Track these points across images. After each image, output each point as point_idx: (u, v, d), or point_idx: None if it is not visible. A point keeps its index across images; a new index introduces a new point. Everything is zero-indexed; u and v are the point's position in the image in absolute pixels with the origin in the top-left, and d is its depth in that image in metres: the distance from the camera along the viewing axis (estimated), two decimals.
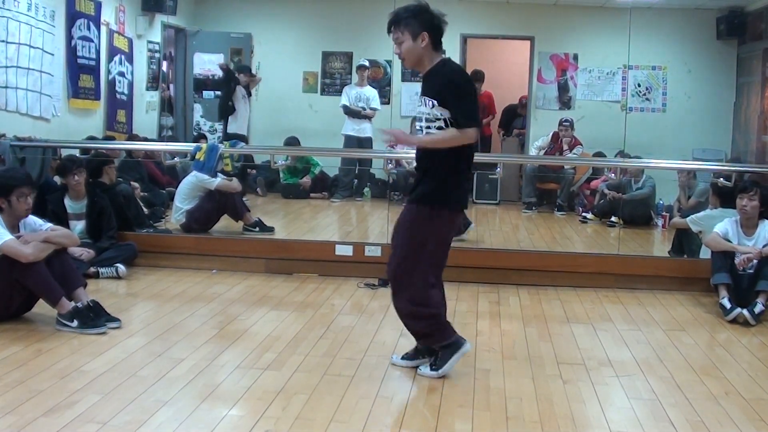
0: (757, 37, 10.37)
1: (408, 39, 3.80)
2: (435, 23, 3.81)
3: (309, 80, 11.72)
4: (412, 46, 3.81)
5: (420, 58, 3.84)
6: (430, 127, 3.82)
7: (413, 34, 3.78)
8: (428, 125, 3.84)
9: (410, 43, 3.80)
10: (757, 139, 10.12)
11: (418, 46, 3.80)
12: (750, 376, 4.33)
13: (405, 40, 3.81)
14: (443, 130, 3.80)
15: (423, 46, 3.79)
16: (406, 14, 3.80)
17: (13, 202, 4.76)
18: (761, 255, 5.61)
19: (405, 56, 3.85)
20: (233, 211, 7.47)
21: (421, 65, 3.88)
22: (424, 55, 3.84)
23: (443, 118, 3.79)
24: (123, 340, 4.54)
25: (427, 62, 3.86)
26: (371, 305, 5.62)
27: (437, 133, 3.80)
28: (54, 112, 8.22)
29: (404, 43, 3.82)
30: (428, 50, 3.82)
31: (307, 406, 3.61)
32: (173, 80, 11.97)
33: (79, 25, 8.60)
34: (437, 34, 3.83)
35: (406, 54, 3.84)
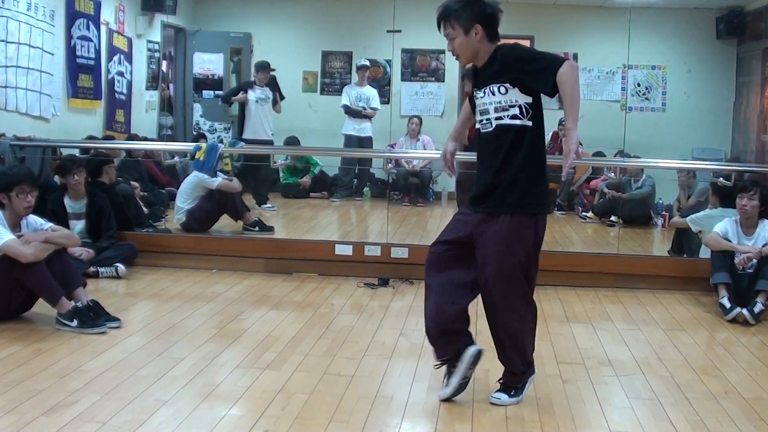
0: (756, 37, 10.37)
1: (460, 33, 3.44)
2: (488, 12, 3.45)
3: (309, 80, 11.72)
4: (466, 41, 3.45)
5: (476, 52, 3.49)
6: (502, 117, 3.44)
7: (465, 28, 3.43)
8: (499, 115, 3.45)
9: (463, 37, 3.45)
10: (757, 139, 10.12)
11: (472, 40, 3.44)
12: (750, 375, 4.33)
13: (457, 35, 3.45)
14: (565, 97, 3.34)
15: (477, 39, 3.44)
16: (455, 6, 3.44)
17: (13, 199, 4.76)
18: (761, 254, 5.61)
19: (459, 52, 3.50)
20: (233, 210, 7.47)
21: (477, 59, 3.52)
22: (479, 49, 3.48)
23: (519, 105, 3.43)
24: (123, 339, 4.54)
25: (484, 54, 3.49)
26: (371, 305, 5.62)
27: (565, 105, 3.34)
28: (54, 112, 8.22)
29: (456, 39, 3.46)
30: (483, 43, 3.46)
31: (306, 406, 3.61)
32: (173, 80, 11.97)
33: (78, 24, 8.60)
34: (492, 25, 3.46)
35: (460, 50, 3.49)
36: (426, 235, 8.17)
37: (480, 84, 3.54)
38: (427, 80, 11.67)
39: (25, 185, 4.81)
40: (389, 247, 6.62)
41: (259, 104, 9.36)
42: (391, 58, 11.28)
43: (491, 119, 3.49)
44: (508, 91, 3.42)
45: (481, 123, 3.55)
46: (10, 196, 4.77)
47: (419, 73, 11.68)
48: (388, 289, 6.09)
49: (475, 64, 3.57)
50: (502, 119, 3.45)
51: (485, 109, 3.50)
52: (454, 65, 11.60)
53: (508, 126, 3.45)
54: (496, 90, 3.45)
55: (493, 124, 3.48)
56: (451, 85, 11.64)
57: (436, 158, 10.36)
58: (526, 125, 3.45)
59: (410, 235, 7.98)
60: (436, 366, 3.80)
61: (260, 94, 9.39)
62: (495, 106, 3.45)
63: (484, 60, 3.51)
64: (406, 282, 6.29)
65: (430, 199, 10.81)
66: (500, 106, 3.44)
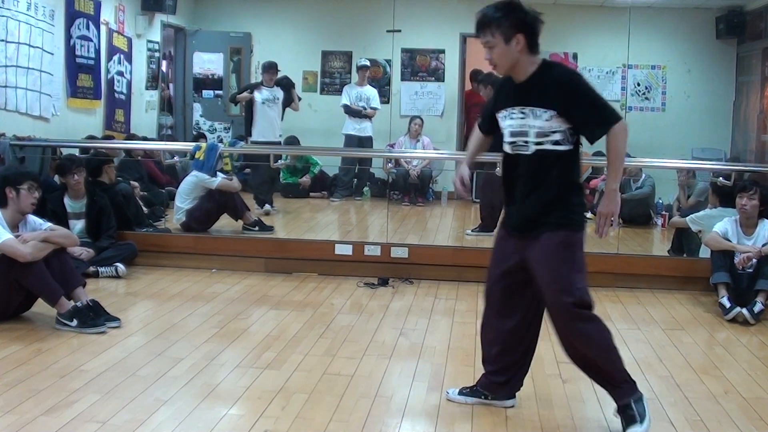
0: (756, 37, 10.37)
1: (500, 42, 3.26)
2: (529, 22, 3.28)
3: (308, 79, 11.71)
4: (506, 50, 3.26)
5: (515, 63, 3.30)
6: (543, 143, 3.28)
7: (506, 37, 3.25)
8: (540, 141, 3.28)
9: (503, 47, 3.26)
10: (757, 138, 10.12)
11: (513, 49, 3.26)
12: (749, 375, 4.33)
13: (496, 44, 3.27)
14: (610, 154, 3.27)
15: (518, 49, 3.26)
16: (496, 14, 3.26)
17: (22, 193, 4.79)
18: (761, 254, 5.61)
19: (497, 62, 3.32)
20: (233, 210, 7.47)
21: (516, 71, 3.33)
22: (519, 60, 3.29)
23: (562, 130, 3.27)
24: (122, 339, 4.54)
25: (524, 67, 3.31)
26: (371, 304, 5.62)
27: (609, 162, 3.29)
28: (54, 112, 8.22)
29: (496, 48, 3.28)
30: (524, 54, 3.28)
31: (306, 406, 3.61)
32: (173, 80, 11.97)
33: (78, 24, 8.60)
34: (533, 35, 3.29)
35: (499, 60, 3.30)
36: (426, 234, 8.18)
37: (517, 101, 3.35)
38: (426, 80, 11.66)
39: (34, 182, 4.92)
40: (389, 246, 6.62)
41: (266, 105, 9.08)
42: (391, 57, 11.28)
43: (529, 143, 3.31)
44: (553, 119, 3.26)
45: (512, 144, 3.38)
46: (20, 190, 4.79)
47: (419, 73, 11.68)
48: (388, 289, 6.09)
49: (512, 77, 3.38)
50: (543, 144, 3.29)
51: (523, 131, 3.32)
52: (454, 65, 11.62)
53: (550, 152, 3.29)
54: (541, 114, 3.27)
55: (531, 148, 3.31)
56: (451, 84, 11.64)
57: (436, 158, 10.45)
58: (568, 150, 3.31)
59: (410, 234, 7.98)
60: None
61: (267, 95, 9.10)
62: (537, 131, 3.28)
63: (525, 74, 3.32)
64: (406, 282, 6.29)
65: (430, 198, 10.80)
66: (542, 131, 3.28)
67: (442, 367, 4.27)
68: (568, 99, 3.24)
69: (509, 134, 3.40)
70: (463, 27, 11.50)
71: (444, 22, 11.47)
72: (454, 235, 8.37)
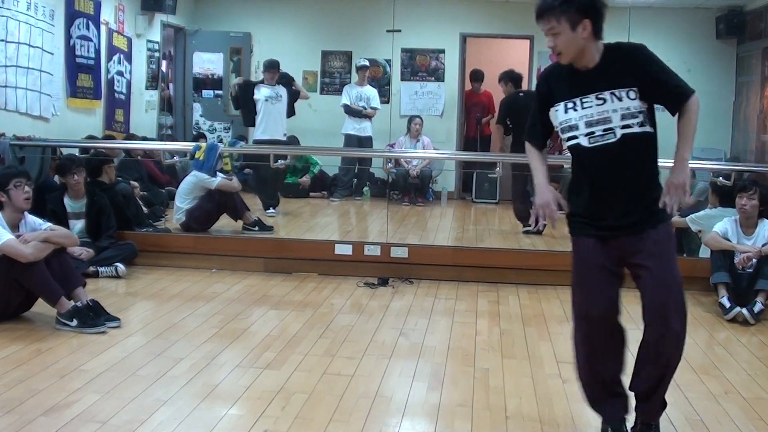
0: (756, 37, 10.36)
1: (566, 29, 3.02)
2: (597, 6, 3.06)
3: (308, 79, 11.71)
4: (572, 37, 3.03)
5: (581, 50, 3.07)
6: (631, 125, 3.08)
7: (572, 23, 3.01)
8: (627, 123, 3.08)
9: (569, 34, 3.03)
10: (757, 138, 10.12)
11: (579, 36, 3.03)
12: (749, 375, 4.33)
13: (562, 31, 3.03)
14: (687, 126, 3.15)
15: (584, 36, 3.04)
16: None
17: (11, 192, 4.77)
18: (761, 254, 5.61)
19: (562, 50, 3.08)
20: (233, 210, 7.47)
21: (582, 58, 3.10)
22: (586, 47, 3.07)
23: (644, 111, 3.09)
24: (122, 339, 4.54)
25: (590, 53, 3.09)
26: (371, 304, 5.62)
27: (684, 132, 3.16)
28: (53, 112, 8.21)
29: (561, 35, 3.04)
30: (590, 40, 3.06)
31: (306, 406, 3.61)
32: (173, 79, 11.97)
33: (78, 24, 8.59)
34: (599, 20, 3.07)
35: (564, 47, 3.07)
36: (426, 234, 8.18)
37: (590, 88, 3.12)
38: (426, 80, 11.66)
39: (20, 178, 4.86)
40: (389, 246, 6.62)
41: (270, 103, 8.96)
42: (390, 57, 11.28)
43: (614, 128, 3.08)
44: (637, 97, 3.07)
45: (590, 135, 3.12)
46: (8, 191, 4.78)
47: (419, 73, 11.68)
48: (387, 289, 6.09)
49: (573, 65, 3.14)
50: (631, 128, 3.08)
51: (603, 118, 3.08)
52: (454, 65, 11.62)
53: (639, 135, 3.11)
54: (624, 95, 3.06)
55: (617, 134, 3.08)
56: (450, 84, 11.64)
57: (436, 158, 10.46)
58: (651, 132, 3.15)
59: (410, 234, 7.98)
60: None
61: (270, 93, 8.97)
62: (622, 113, 3.07)
63: (593, 60, 3.11)
64: (405, 282, 6.29)
65: (430, 198, 10.81)
66: (628, 112, 3.07)
67: (442, 367, 4.27)
68: (647, 73, 3.08)
69: (584, 125, 3.13)
70: (463, 27, 11.52)
71: (444, 22, 11.48)
72: (453, 235, 8.38)
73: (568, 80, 3.17)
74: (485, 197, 10.94)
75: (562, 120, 3.20)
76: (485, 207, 10.52)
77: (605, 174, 3.15)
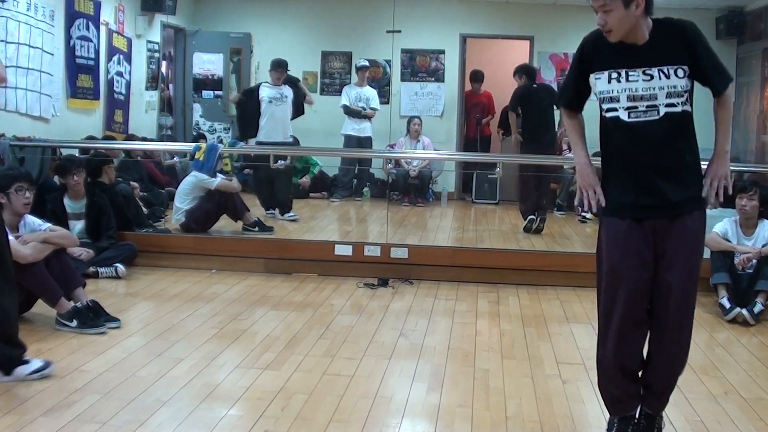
0: (756, 37, 10.37)
1: (619, 6, 2.95)
2: None
3: (308, 80, 11.71)
4: (625, 15, 2.96)
5: (632, 27, 3.00)
6: (676, 104, 3.03)
7: (625, 0, 2.95)
8: (672, 101, 3.03)
9: (622, 11, 2.95)
10: (757, 139, 10.12)
11: (632, 13, 2.96)
12: (749, 375, 4.33)
13: (614, 8, 2.96)
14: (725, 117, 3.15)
15: (638, 13, 2.96)
16: None
17: (12, 197, 4.77)
18: (761, 255, 5.61)
19: (613, 27, 3.00)
20: (233, 210, 7.47)
21: (632, 35, 3.03)
22: (637, 24, 3.00)
23: (689, 90, 3.06)
24: (122, 339, 4.54)
25: (640, 31, 3.02)
26: (370, 305, 5.62)
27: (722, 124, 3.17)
28: (53, 112, 8.22)
29: (613, 12, 2.97)
30: (642, 17, 2.99)
31: (306, 406, 3.61)
32: (172, 80, 11.97)
33: (78, 24, 8.60)
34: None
35: (616, 25, 2.99)
36: (426, 235, 8.18)
37: (640, 62, 3.04)
38: (426, 80, 11.67)
39: (22, 182, 4.84)
40: (389, 247, 6.62)
41: (274, 104, 8.69)
42: (390, 58, 11.28)
43: (658, 106, 3.02)
44: (685, 75, 3.02)
45: (631, 109, 3.07)
46: (9, 194, 4.78)
47: (419, 74, 11.69)
48: (387, 290, 6.09)
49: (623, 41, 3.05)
50: (675, 106, 3.04)
51: (649, 94, 3.01)
52: (454, 65, 11.62)
53: (681, 113, 3.07)
54: (672, 73, 3.01)
55: (661, 111, 3.03)
56: (450, 85, 11.65)
57: (436, 159, 10.46)
58: (691, 112, 3.10)
59: (410, 235, 7.99)
60: None
61: (274, 94, 8.71)
62: (668, 91, 3.01)
63: (644, 36, 3.03)
64: (405, 282, 6.28)
65: (430, 199, 10.81)
66: (675, 91, 3.01)
67: (442, 367, 4.27)
68: (697, 52, 3.03)
69: (626, 99, 3.07)
70: (463, 27, 11.52)
71: (444, 23, 11.48)
72: (453, 235, 8.38)
73: (616, 50, 3.08)
74: (485, 198, 10.95)
75: (603, 90, 3.14)
76: (485, 207, 10.52)
77: (643, 151, 3.09)
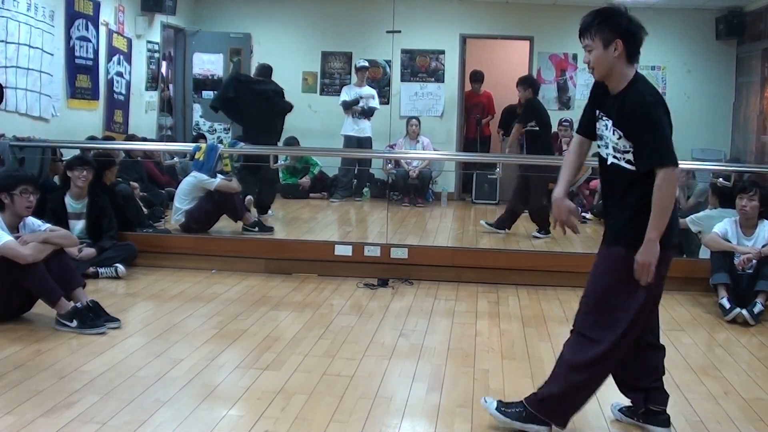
0: (756, 38, 10.37)
1: (599, 46, 3.26)
2: (632, 30, 3.28)
3: (308, 80, 11.72)
4: (603, 55, 3.26)
5: (611, 69, 3.29)
6: (618, 159, 3.30)
7: (605, 41, 3.25)
8: (616, 156, 3.32)
9: (601, 51, 3.26)
10: (757, 139, 10.12)
11: (610, 54, 3.25)
12: (749, 376, 4.33)
13: (595, 48, 3.27)
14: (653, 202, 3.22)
15: (616, 55, 3.25)
16: (597, 19, 3.29)
17: (16, 198, 4.78)
18: (760, 255, 5.62)
19: (594, 66, 3.31)
20: (232, 211, 7.46)
21: (611, 79, 3.31)
22: (615, 67, 3.28)
23: (632, 151, 3.28)
24: (122, 340, 4.54)
25: (618, 76, 3.29)
26: (370, 305, 5.62)
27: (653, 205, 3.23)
28: (53, 112, 8.22)
29: (594, 51, 3.28)
30: (621, 61, 3.27)
31: (306, 406, 3.61)
32: (172, 80, 11.97)
33: (77, 25, 8.60)
34: (633, 43, 3.28)
35: (596, 63, 3.29)
36: (426, 235, 8.18)
37: (606, 110, 3.37)
38: (426, 81, 11.67)
39: (28, 185, 4.86)
40: (389, 247, 6.62)
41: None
42: (390, 58, 11.29)
43: (609, 154, 3.36)
44: (621, 137, 3.29)
45: (600, 147, 3.44)
46: (13, 195, 4.79)
47: (419, 74, 11.69)
48: (387, 290, 6.09)
49: (606, 83, 3.35)
50: (618, 161, 3.32)
51: (605, 143, 3.37)
52: (454, 66, 11.62)
53: (622, 169, 3.31)
54: (618, 133, 3.30)
55: (609, 160, 3.36)
56: (450, 85, 11.65)
57: (436, 159, 10.46)
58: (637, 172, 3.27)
59: (410, 235, 7.99)
60: None
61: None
62: (613, 146, 3.33)
63: (619, 85, 3.30)
64: (405, 282, 6.29)
65: (430, 199, 10.82)
66: (617, 148, 3.31)
67: (441, 367, 4.27)
68: (634, 125, 3.24)
69: (598, 136, 3.46)
70: (462, 28, 11.52)
71: (444, 23, 11.48)
72: (453, 235, 8.38)
73: (603, 92, 3.41)
74: (485, 198, 10.95)
75: (596, 127, 3.47)
76: (485, 208, 10.51)
77: (605, 187, 3.51)
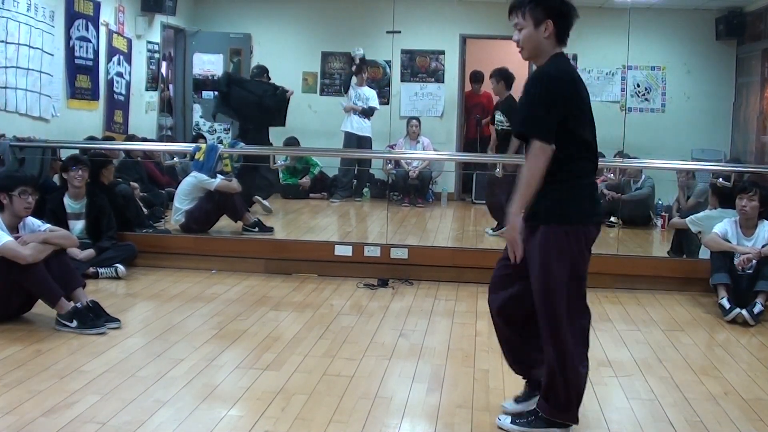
0: (756, 38, 10.37)
1: (529, 25, 3.23)
2: (564, 11, 3.25)
3: (308, 80, 11.72)
4: (533, 34, 3.23)
5: (539, 48, 3.26)
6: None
7: (536, 20, 3.22)
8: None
9: (531, 30, 3.23)
10: (757, 140, 10.12)
11: (540, 34, 3.23)
12: (749, 376, 4.33)
13: (526, 26, 3.24)
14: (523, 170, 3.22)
15: (546, 35, 3.22)
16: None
17: (14, 199, 4.78)
18: (760, 255, 5.62)
19: (523, 45, 3.28)
20: (232, 211, 7.46)
21: (538, 60, 3.30)
22: (544, 47, 3.25)
23: None
24: (122, 340, 4.54)
25: (544, 57, 3.28)
26: (370, 305, 5.62)
27: (518, 185, 3.22)
28: (53, 113, 8.21)
29: (524, 30, 3.25)
30: (550, 42, 3.24)
31: (306, 407, 3.61)
32: (172, 81, 11.97)
33: (77, 25, 8.60)
34: (563, 25, 3.25)
35: (525, 42, 3.27)
36: (426, 235, 8.18)
37: None
38: (426, 81, 11.67)
39: (27, 186, 4.85)
40: (389, 247, 6.62)
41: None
42: (390, 58, 11.29)
43: None
44: None
45: None
46: (12, 196, 4.79)
47: (419, 74, 11.68)
48: (387, 290, 6.09)
49: (534, 64, 3.37)
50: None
51: None
52: (454, 66, 11.62)
53: None
54: None
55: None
56: (450, 85, 11.64)
57: (436, 159, 10.45)
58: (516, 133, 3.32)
59: (410, 235, 7.98)
60: None
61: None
62: None
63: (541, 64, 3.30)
64: (405, 282, 6.29)
65: (430, 200, 10.81)
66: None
67: (441, 368, 4.28)
68: (522, 95, 3.34)
69: None
70: (462, 28, 11.52)
71: (444, 23, 11.48)
72: (453, 236, 8.38)
73: None
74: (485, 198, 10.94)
75: None
76: (485, 208, 10.49)
77: None
